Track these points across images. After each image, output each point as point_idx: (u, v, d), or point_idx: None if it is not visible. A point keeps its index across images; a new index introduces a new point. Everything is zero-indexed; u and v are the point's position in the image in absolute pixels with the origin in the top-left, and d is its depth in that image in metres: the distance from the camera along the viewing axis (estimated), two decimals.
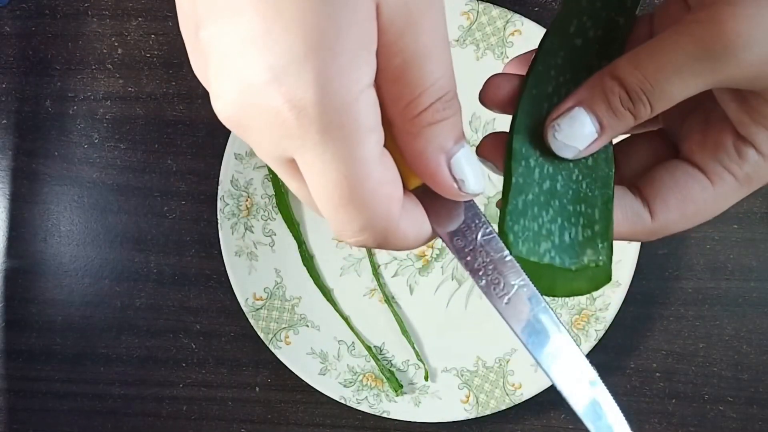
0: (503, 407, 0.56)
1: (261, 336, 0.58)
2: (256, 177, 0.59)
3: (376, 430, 0.60)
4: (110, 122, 0.62)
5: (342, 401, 0.58)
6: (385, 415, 0.57)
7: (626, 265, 0.55)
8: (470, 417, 0.57)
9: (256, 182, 0.59)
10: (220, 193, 0.58)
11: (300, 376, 0.58)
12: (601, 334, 0.55)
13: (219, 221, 0.58)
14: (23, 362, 0.63)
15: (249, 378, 0.61)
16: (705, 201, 0.29)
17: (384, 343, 0.60)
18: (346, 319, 0.59)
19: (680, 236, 0.57)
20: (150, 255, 0.62)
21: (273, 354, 0.58)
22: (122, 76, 0.62)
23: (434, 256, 0.59)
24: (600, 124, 0.28)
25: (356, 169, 0.23)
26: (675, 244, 0.57)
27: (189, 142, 0.61)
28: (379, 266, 0.60)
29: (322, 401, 0.59)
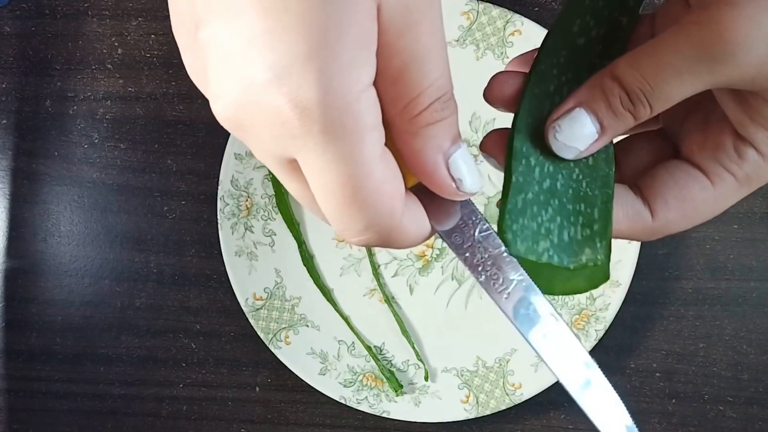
0: (503, 407, 0.56)
1: (261, 336, 0.58)
2: (256, 177, 0.59)
3: (376, 430, 0.60)
4: (110, 122, 0.62)
5: (342, 401, 0.58)
6: (385, 415, 0.57)
7: (626, 265, 0.55)
8: (470, 417, 0.57)
9: (256, 182, 0.59)
10: (220, 193, 0.58)
11: (300, 376, 0.58)
12: (601, 334, 0.55)
13: (219, 221, 0.58)
14: (23, 362, 0.63)
15: (249, 378, 0.61)
16: (705, 201, 0.29)
17: (384, 343, 0.60)
18: (346, 319, 0.59)
19: (680, 236, 0.57)
20: (150, 255, 0.62)
21: (273, 354, 0.58)
22: (122, 76, 0.62)
23: (434, 256, 0.59)
24: (600, 125, 0.28)
25: (359, 168, 0.23)
26: (675, 244, 0.57)
27: (189, 142, 0.61)
28: (379, 266, 0.60)
29: (322, 401, 0.59)
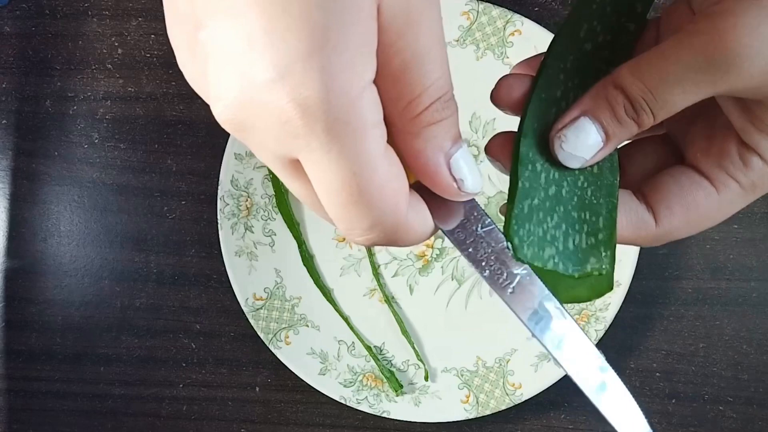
0: (503, 407, 0.56)
1: (261, 336, 0.58)
2: (256, 177, 0.59)
3: (376, 430, 0.60)
4: (110, 122, 0.62)
5: (342, 401, 0.58)
6: (385, 415, 0.57)
7: (626, 265, 0.55)
8: (470, 417, 0.57)
9: (256, 182, 0.59)
10: (220, 193, 0.58)
11: (300, 376, 0.58)
12: (601, 334, 0.55)
13: (219, 221, 0.58)
14: (23, 362, 0.63)
15: (249, 378, 0.61)
16: (709, 208, 0.29)
17: (384, 343, 0.60)
18: (346, 319, 0.59)
19: None
20: (150, 255, 0.62)
21: (273, 354, 0.58)
22: (122, 76, 0.62)
23: (434, 256, 0.59)
24: (605, 133, 0.28)
25: (363, 166, 0.23)
26: (675, 244, 0.57)
27: (189, 142, 0.61)
28: (379, 266, 0.60)
29: (322, 401, 0.59)
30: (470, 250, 0.28)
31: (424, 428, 0.59)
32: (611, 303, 0.55)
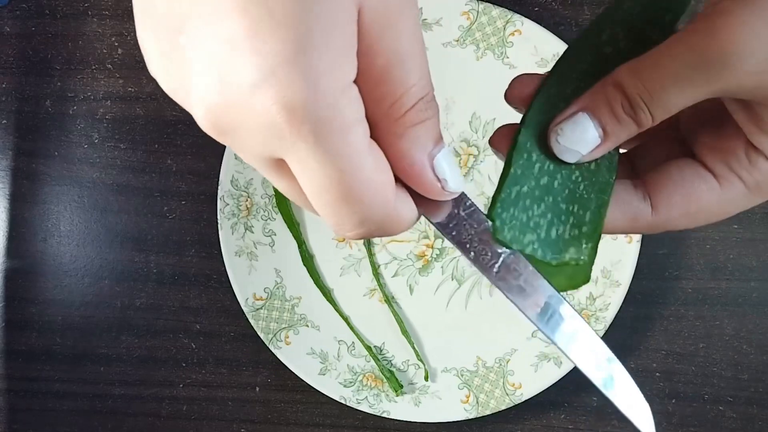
0: (503, 407, 0.56)
1: (261, 336, 0.58)
2: (256, 177, 0.59)
3: (376, 430, 0.60)
4: (110, 122, 0.62)
5: (342, 401, 0.58)
6: (385, 415, 0.57)
7: (626, 265, 0.55)
8: (470, 417, 0.57)
9: (256, 182, 0.59)
10: (220, 193, 0.58)
11: (300, 376, 0.58)
12: (601, 334, 0.55)
13: (219, 221, 0.58)
14: (23, 362, 0.63)
15: (249, 378, 0.61)
16: (710, 202, 0.29)
17: (384, 343, 0.60)
18: (346, 319, 0.59)
19: (680, 236, 0.57)
20: (150, 255, 0.62)
21: (273, 354, 0.58)
22: (122, 76, 0.62)
23: (434, 256, 0.59)
24: (603, 130, 0.28)
25: (351, 163, 0.23)
26: (675, 244, 0.57)
27: (189, 142, 0.61)
28: (379, 266, 0.60)
29: (322, 401, 0.59)
30: (453, 233, 0.28)
31: (424, 428, 0.59)
32: (611, 303, 0.55)
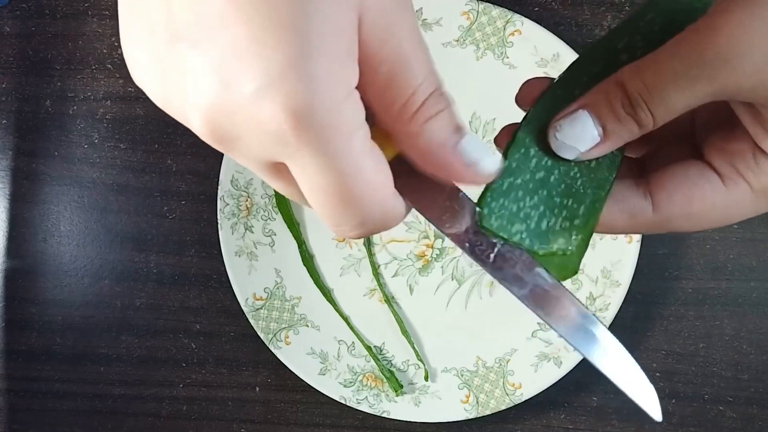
0: (503, 407, 0.56)
1: (261, 336, 0.58)
2: (256, 177, 0.59)
3: (376, 430, 0.60)
4: (110, 122, 0.62)
5: (342, 401, 0.58)
6: (385, 415, 0.57)
7: (626, 265, 0.55)
8: (470, 417, 0.57)
9: (256, 182, 0.59)
10: (220, 193, 0.58)
11: (300, 376, 0.58)
12: None
13: (219, 221, 0.58)
14: (23, 362, 0.63)
15: (249, 378, 0.61)
16: (714, 203, 0.29)
17: (384, 343, 0.60)
18: (346, 319, 0.59)
19: (680, 236, 0.57)
20: (150, 255, 0.62)
21: (273, 354, 0.58)
22: (122, 76, 0.62)
23: (434, 256, 0.59)
24: (603, 128, 0.28)
25: (353, 167, 0.23)
26: (675, 244, 0.57)
27: (189, 142, 0.61)
28: (379, 266, 0.60)
29: (322, 401, 0.59)
30: (447, 225, 0.28)
31: (424, 428, 0.59)
32: (611, 303, 0.55)
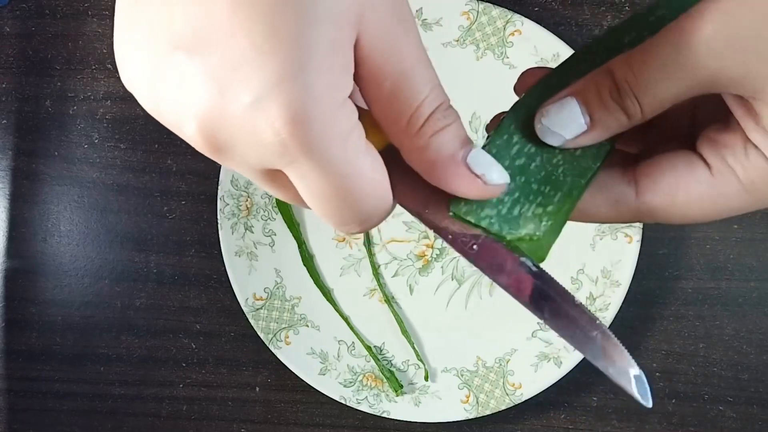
0: (503, 407, 0.56)
1: (261, 336, 0.58)
2: None
3: (376, 430, 0.60)
4: (110, 122, 0.62)
5: (342, 401, 0.58)
6: (385, 415, 0.57)
7: (626, 265, 0.55)
8: (470, 417, 0.57)
9: None
10: (220, 193, 0.58)
11: (300, 376, 0.58)
12: None
13: (219, 221, 0.58)
14: (23, 362, 0.63)
15: (249, 378, 0.61)
16: (700, 194, 0.28)
17: (384, 343, 0.60)
18: (346, 319, 0.59)
19: (680, 236, 0.57)
20: (150, 255, 0.62)
21: (273, 354, 0.58)
22: None
23: (434, 256, 0.59)
24: (590, 117, 0.28)
25: (352, 168, 0.24)
26: (675, 244, 0.57)
27: None
28: (379, 266, 0.60)
29: (322, 401, 0.59)
30: (430, 218, 0.28)
31: (424, 428, 0.59)
32: (611, 303, 0.55)
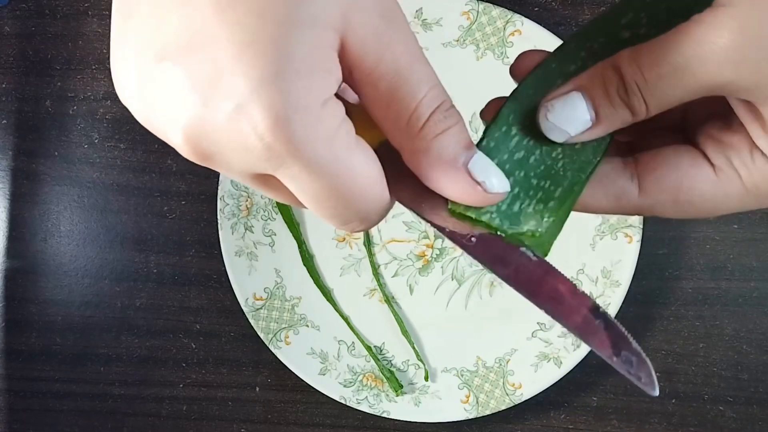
0: (503, 407, 0.56)
1: (261, 336, 0.58)
2: None
3: (376, 430, 0.60)
4: (110, 122, 0.62)
5: (342, 401, 0.58)
6: (385, 415, 0.57)
7: (626, 265, 0.55)
8: (470, 417, 0.57)
9: None
10: (220, 193, 0.58)
11: (300, 376, 0.58)
12: None
13: (219, 221, 0.58)
14: (23, 362, 0.63)
15: (249, 378, 0.61)
16: (702, 193, 0.28)
17: (384, 343, 0.60)
18: (346, 319, 0.59)
19: (680, 236, 0.57)
20: (150, 255, 0.62)
21: (273, 354, 0.58)
22: None
23: (434, 256, 0.59)
24: (596, 113, 0.27)
25: (344, 166, 0.23)
26: (675, 244, 0.57)
27: None
28: (379, 266, 0.60)
29: (322, 401, 0.59)
30: (426, 211, 0.28)
31: (424, 428, 0.59)
32: (611, 303, 0.55)
